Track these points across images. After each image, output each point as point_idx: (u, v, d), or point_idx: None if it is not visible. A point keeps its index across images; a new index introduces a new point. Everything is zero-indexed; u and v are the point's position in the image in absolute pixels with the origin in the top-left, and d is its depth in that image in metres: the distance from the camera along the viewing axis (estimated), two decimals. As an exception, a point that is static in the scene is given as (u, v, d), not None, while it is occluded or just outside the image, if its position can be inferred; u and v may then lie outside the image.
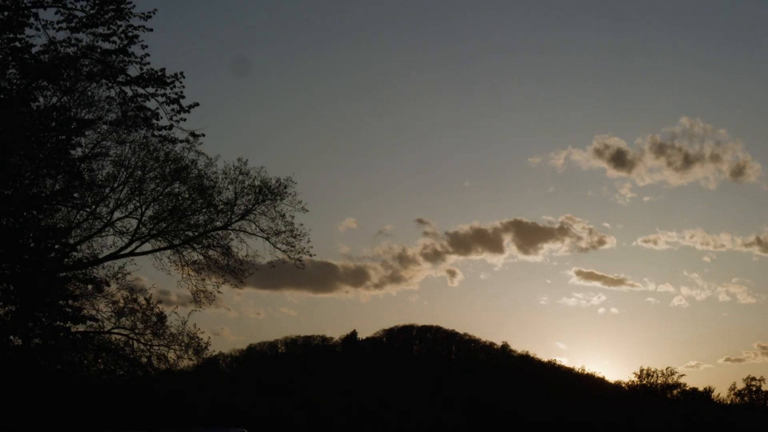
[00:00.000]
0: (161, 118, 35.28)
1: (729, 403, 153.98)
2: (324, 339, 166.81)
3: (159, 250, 51.47)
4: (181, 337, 51.77)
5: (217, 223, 51.86)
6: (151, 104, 35.13)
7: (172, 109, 34.80)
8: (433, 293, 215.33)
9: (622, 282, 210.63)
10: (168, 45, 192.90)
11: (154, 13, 34.05)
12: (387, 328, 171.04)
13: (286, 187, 52.54)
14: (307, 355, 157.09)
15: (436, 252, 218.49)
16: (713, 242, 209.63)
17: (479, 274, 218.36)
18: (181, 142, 37.36)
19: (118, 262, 50.55)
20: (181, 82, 34.76)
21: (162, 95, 34.68)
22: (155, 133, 36.30)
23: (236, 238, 52.29)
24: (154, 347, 51.63)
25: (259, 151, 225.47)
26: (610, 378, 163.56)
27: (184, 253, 51.65)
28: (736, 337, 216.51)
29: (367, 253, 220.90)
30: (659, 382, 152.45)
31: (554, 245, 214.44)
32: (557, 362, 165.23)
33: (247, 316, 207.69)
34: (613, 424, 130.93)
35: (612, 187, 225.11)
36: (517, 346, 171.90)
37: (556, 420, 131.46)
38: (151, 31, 34.19)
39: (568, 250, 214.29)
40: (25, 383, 44.05)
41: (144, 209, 50.72)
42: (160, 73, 34.54)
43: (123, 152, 49.14)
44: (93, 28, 33.37)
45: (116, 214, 50.46)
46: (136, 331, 51.53)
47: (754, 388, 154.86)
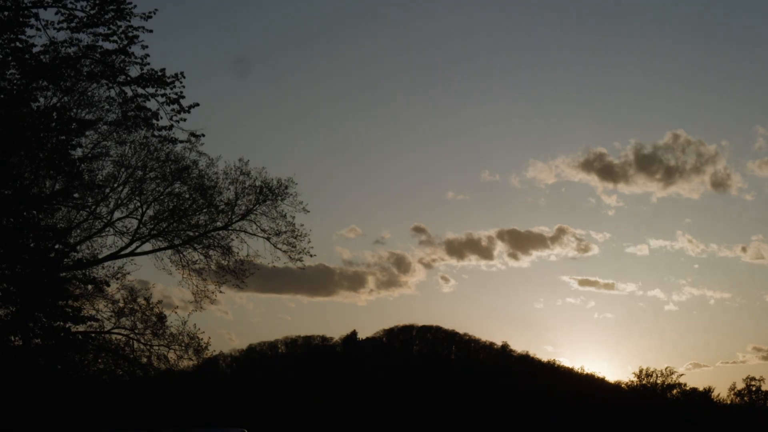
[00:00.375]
0: (161, 119, 35.29)
1: (729, 403, 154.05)
2: (324, 339, 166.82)
3: (159, 250, 51.45)
4: (181, 337, 51.76)
5: (218, 224, 51.84)
6: (152, 104, 35.15)
7: (173, 110, 34.79)
8: (430, 297, 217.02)
9: (613, 287, 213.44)
10: (168, 45, 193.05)
11: (155, 14, 34.06)
12: (387, 328, 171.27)
13: (287, 188, 52.55)
14: (307, 355, 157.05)
15: (433, 258, 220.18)
16: (701, 249, 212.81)
17: (475, 279, 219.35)
18: (182, 142, 37.41)
19: (118, 262, 50.55)
20: (182, 83, 34.78)
21: (162, 95, 34.68)
22: (155, 133, 36.28)
23: (237, 238, 52.29)
24: (154, 347, 51.61)
25: (259, 152, 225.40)
26: (610, 378, 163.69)
27: (184, 253, 51.64)
28: (730, 341, 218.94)
29: (366, 258, 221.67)
30: (659, 382, 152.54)
31: (547, 252, 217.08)
32: (557, 362, 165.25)
33: (248, 317, 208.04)
34: (613, 424, 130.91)
35: (600, 198, 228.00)
36: (515, 348, 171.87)
37: (556, 420, 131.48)
38: (151, 31, 34.20)
39: (561, 257, 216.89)
40: (25, 383, 44.04)
41: (144, 209, 50.71)
42: (160, 74, 34.52)
43: (123, 152, 49.16)
44: (93, 29, 33.36)
45: (116, 214, 50.47)
46: (136, 331, 51.51)
47: (754, 388, 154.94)
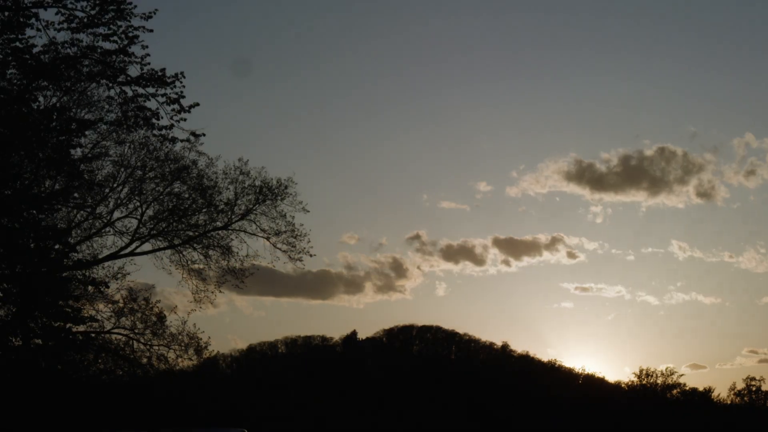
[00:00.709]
0: (161, 118, 35.27)
1: (729, 403, 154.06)
2: (324, 339, 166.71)
3: (159, 250, 51.45)
4: (180, 337, 51.77)
5: (218, 223, 51.83)
6: (152, 104, 35.14)
7: (173, 109, 34.78)
8: (427, 301, 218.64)
9: (606, 291, 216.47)
10: (168, 45, 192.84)
11: (155, 14, 34.06)
12: (387, 328, 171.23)
13: (286, 188, 52.54)
14: (307, 355, 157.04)
15: (430, 264, 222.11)
16: (690, 256, 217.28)
17: (471, 284, 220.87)
18: (182, 142, 37.29)
19: (118, 262, 50.55)
20: (182, 82, 34.76)
21: (162, 95, 34.67)
22: (155, 133, 36.25)
23: (236, 238, 52.28)
24: (154, 347, 51.63)
25: (259, 152, 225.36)
26: (610, 378, 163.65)
27: (184, 253, 51.66)
28: (725, 343, 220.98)
29: (364, 264, 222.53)
30: (659, 382, 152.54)
31: (541, 258, 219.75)
32: (557, 362, 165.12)
33: (247, 318, 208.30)
34: (612, 424, 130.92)
35: (590, 207, 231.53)
36: (515, 348, 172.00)
37: (555, 420, 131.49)
38: (151, 31, 34.20)
39: (555, 263, 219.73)
40: (25, 383, 44.04)
41: (144, 209, 50.72)
42: (160, 74, 34.52)
43: (123, 152, 49.19)
44: (93, 29, 33.36)
45: (116, 214, 50.48)
46: (136, 331, 51.53)
47: (754, 388, 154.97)
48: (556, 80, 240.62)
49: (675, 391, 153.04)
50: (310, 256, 52.62)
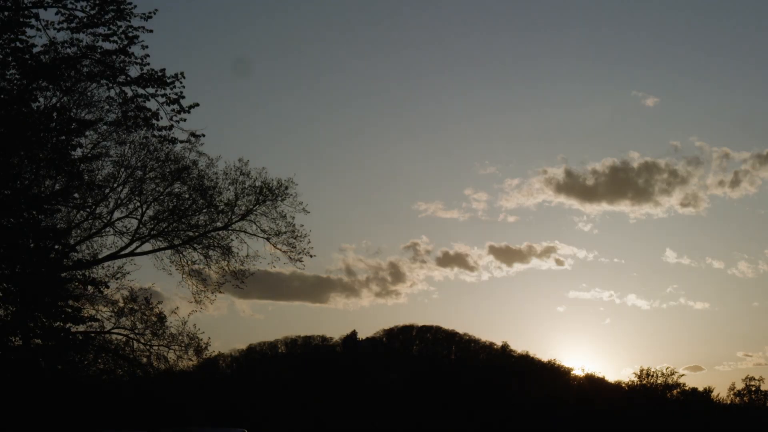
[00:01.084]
0: (161, 119, 35.30)
1: (729, 403, 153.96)
2: (324, 339, 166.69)
3: (159, 250, 51.47)
4: (181, 338, 51.78)
5: (218, 224, 51.86)
6: (152, 105, 35.15)
7: (173, 110, 34.80)
8: (425, 303, 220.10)
9: (599, 296, 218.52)
10: (168, 45, 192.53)
11: (155, 14, 34.07)
12: (387, 328, 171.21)
13: (287, 188, 52.57)
14: (307, 355, 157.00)
15: (429, 267, 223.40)
16: (679, 262, 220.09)
17: (466, 289, 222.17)
18: (182, 142, 37.37)
19: (117, 262, 50.57)
20: (182, 83, 34.78)
21: (162, 95, 34.69)
22: (155, 133, 36.28)
23: (237, 238, 52.31)
24: (154, 347, 51.62)
25: (259, 152, 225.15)
26: (610, 378, 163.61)
27: (184, 254, 51.67)
28: (719, 346, 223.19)
29: (361, 270, 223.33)
30: (659, 382, 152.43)
31: (534, 264, 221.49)
32: (557, 363, 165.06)
33: (247, 319, 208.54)
34: (612, 424, 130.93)
35: (583, 216, 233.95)
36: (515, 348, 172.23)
37: (555, 419, 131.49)
38: (151, 31, 34.22)
39: (548, 269, 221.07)
40: (25, 383, 44.03)
41: (144, 209, 50.74)
42: (160, 74, 34.52)
43: (123, 152, 49.20)
44: (93, 29, 33.38)
45: (116, 214, 50.50)
46: (136, 332, 51.53)
47: (754, 388, 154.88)
48: (544, 91, 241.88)
49: (675, 391, 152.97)
50: (311, 256, 52.69)
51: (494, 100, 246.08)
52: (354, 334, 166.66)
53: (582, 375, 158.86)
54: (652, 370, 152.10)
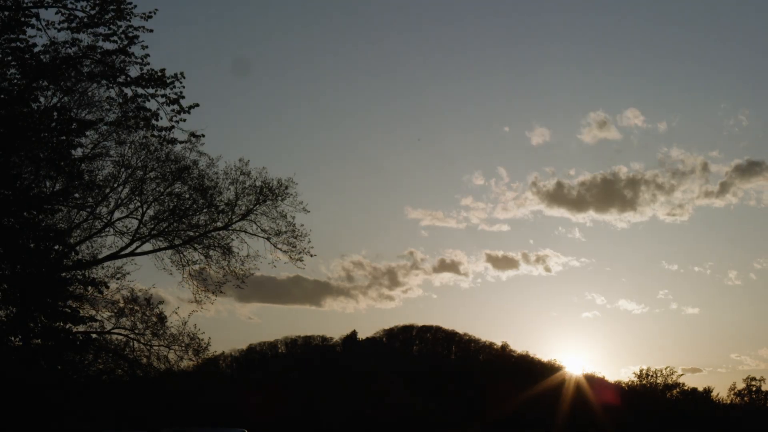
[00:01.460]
0: (161, 119, 35.26)
1: (729, 403, 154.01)
2: (324, 339, 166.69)
3: (159, 250, 51.47)
4: (181, 338, 51.76)
5: (218, 224, 51.86)
6: (152, 105, 35.11)
7: (173, 110, 34.76)
8: (421, 308, 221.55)
9: (594, 300, 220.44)
10: (168, 45, 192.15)
11: (155, 14, 34.04)
12: (387, 328, 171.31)
13: (287, 188, 52.58)
14: (307, 355, 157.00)
15: (425, 271, 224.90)
16: (671, 269, 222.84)
17: (464, 293, 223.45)
18: (182, 142, 37.33)
19: (118, 263, 50.58)
20: (182, 83, 34.73)
21: (162, 96, 34.64)
22: (155, 133, 36.22)
23: (237, 238, 52.32)
24: (154, 347, 51.61)
25: (259, 153, 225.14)
26: (610, 378, 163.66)
27: (184, 254, 51.67)
28: (715, 349, 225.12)
29: (359, 275, 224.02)
30: (659, 382, 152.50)
31: (527, 270, 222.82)
32: (557, 363, 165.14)
33: (247, 319, 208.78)
34: (612, 424, 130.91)
35: (576, 225, 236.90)
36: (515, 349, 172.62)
37: (555, 419, 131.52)
38: (151, 31, 34.18)
39: (540, 275, 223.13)
40: (25, 384, 44.00)
41: (145, 209, 50.75)
42: (160, 74, 34.48)
43: (123, 152, 49.22)
44: (94, 29, 33.35)
45: (116, 214, 50.52)
46: (136, 332, 51.52)
47: (754, 388, 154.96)
48: (534, 101, 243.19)
49: (675, 391, 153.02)
50: (311, 256, 52.69)
51: (492, 110, 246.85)
52: (354, 334, 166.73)
53: (582, 375, 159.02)
54: (652, 370, 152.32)
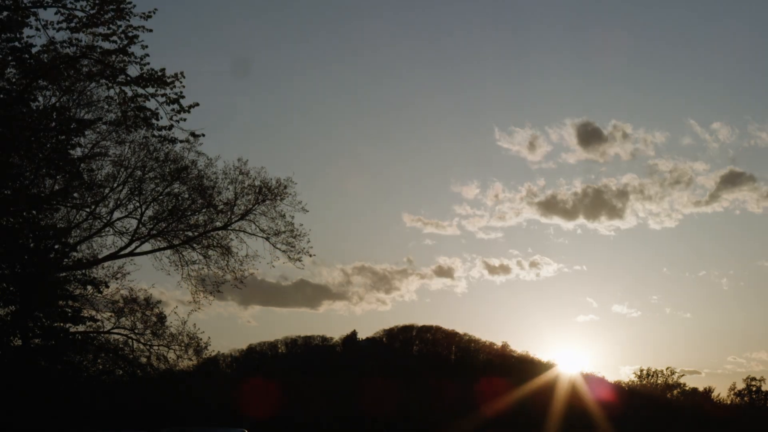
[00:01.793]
0: (161, 119, 35.21)
1: (729, 403, 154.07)
2: (324, 339, 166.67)
3: (159, 250, 51.46)
4: (180, 337, 51.81)
5: (217, 224, 51.86)
6: (151, 104, 35.06)
7: (172, 110, 34.72)
8: (419, 311, 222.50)
9: (590, 304, 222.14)
10: (168, 45, 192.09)
11: (154, 13, 34.03)
12: (387, 328, 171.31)
13: (286, 188, 52.59)
14: (307, 355, 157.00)
15: (422, 275, 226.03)
16: (664, 273, 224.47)
17: (462, 296, 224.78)
18: (181, 142, 37.22)
19: (117, 262, 50.60)
20: (181, 82, 34.68)
21: (162, 95, 34.59)
22: (155, 133, 36.20)
23: (236, 238, 52.32)
24: (154, 347, 51.67)
25: (259, 153, 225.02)
26: (610, 378, 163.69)
27: (183, 253, 51.66)
28: (712, 352, 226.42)
29: (357, 280, 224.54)
30: (659, 382, 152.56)
31: (521, 275, 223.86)
32: (556, 363, 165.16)
33: (246, 326, 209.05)
34: (612, 424, 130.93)
35: (564, 232, 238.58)
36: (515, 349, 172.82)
37: (555, 419, 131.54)
38: (151, 31, 34.12)
39: (533, 280, 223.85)
40: (25, 383, 44.06)
41: (144, 209, 50.77)
42: (160, 73, 34.46)
43: (123, 152, 49.26)
44: (93, 28, 33.32)
45: (116, 214, 50.55)
46: (136, 331, 51.58)
47: (754, 389, 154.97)
48: (524, 109, 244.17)
49: (675, 391, 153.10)
50: (310, 256, 52.68)
51: (490, 119, 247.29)
52: (354, 334, 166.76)
53: (581, 375, 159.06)
54: (652, 371, 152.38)
